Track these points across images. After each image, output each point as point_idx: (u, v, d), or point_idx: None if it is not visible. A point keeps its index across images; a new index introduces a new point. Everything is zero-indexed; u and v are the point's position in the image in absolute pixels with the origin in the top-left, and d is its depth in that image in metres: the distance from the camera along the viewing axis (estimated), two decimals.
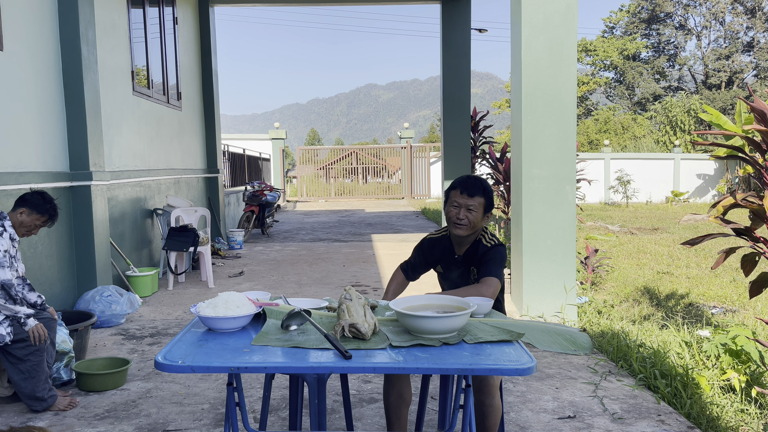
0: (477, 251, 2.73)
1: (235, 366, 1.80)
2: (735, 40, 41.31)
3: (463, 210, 2.66)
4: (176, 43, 8.55)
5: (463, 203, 2.67)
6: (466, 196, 2.66)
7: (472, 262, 2.74)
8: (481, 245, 2.73)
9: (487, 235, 2.77)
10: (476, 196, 2.66)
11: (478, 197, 2.67)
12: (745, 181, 18.54)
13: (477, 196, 2.66)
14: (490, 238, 2.76)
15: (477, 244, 2.75)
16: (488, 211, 2.72)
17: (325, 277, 7.26)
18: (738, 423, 3.26)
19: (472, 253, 2.75)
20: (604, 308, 5.54)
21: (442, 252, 2.84)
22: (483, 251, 2.71)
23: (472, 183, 2.69)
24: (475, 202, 2.66)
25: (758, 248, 3.36)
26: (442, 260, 2.86)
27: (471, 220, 2.66)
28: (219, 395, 3.57)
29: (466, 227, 2.67)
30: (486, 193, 2.70)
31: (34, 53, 4.82)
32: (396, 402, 2.56)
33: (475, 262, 2.73)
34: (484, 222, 2.72)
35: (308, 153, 23.30)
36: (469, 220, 2.66)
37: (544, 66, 5.06)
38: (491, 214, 2.75)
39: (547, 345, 2.07)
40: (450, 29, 10.55)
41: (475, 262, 2.73)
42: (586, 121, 36.98)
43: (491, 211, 2.75)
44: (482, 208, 2.68)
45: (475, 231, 2.72)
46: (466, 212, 2.66)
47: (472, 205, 2.65)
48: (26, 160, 4.68)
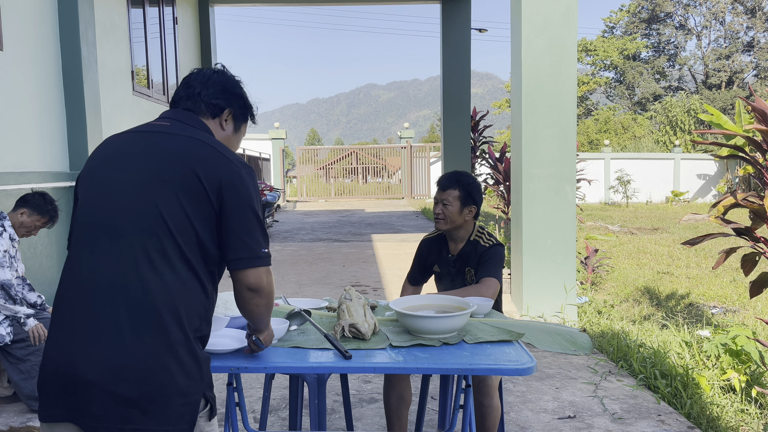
0: (475, 251, 2.73)
1: (235, 366, 1.80)
2: (735, 40, 41.30)
3: (440, 205, 2.73)
4: (176, 43, 8.55)
5: (438, 198, 2.74)
6: (440, 191, 2.74)
7: (468, 263, 2.74)
8: (479, 245, 2.73)
9: (485, 235, 2.77)
10: (449, 189, 2.71)
11: (451, 190, 2.71)
12: (746, 181, 18.53)
13: (450, 189, 2.71)
14: (488, 238, 2.76)
15: (474, 244, 2.75)
16: (467, 203, 2.72)
17: (325, 277, 7.25)
18: (738, 423, 3.26)
19: (469, 253, 2.75)
20: (604, 308, 5.54)
21: (438, 252, 2.86)
22: (482, 251, 2.71)
23: (446, 177, 2.76)
24: (448, 195, 2.71)
25: (758, 248, 3.35)
26: (438, 260, 2.87)
27: (447, 214, 2.71)
28: (219, 395, 3.56)
29: (443, 221, 2.72)
30: (461, 184, 2.72)
31: (34, 53, 4.82)
32: (396, 403, 2.57)
33: (473, 263, 2.73)
34: (466, 215, 2.73)
35: (308, 153, 23.31)
36: (444, 214, 2.71)
37: (544, 66, 5.06)
38: (475, 208, 2.74)
39: (547, 345, 2.07)
40: (450, 29, 10.55)
41: (473, 262, 2.73)
42: (586, 121, 36.98)
43: (474, 204, 2.74)
44: (457, 200, 2.70)
45: (456, 225, 2.73)
46: (442, 207, 2.72)
47: (445, 198, 2.71)
48: (26, 160, 4.68)
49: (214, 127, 1.65)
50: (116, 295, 1.40)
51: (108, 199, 1.47)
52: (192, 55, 9.49)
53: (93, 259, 1.44)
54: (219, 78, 1.68)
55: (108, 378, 1.36)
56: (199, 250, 1.46)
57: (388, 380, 2.59)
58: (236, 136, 1.72)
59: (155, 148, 1.50)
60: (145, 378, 1.36)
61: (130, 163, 1.49)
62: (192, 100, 1.63)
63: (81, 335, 1.40)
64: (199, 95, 1.64)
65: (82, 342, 1.39)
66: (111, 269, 1.41)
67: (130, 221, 1.43)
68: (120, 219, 1.44)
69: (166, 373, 1.38)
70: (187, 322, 1.43)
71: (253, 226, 1.49)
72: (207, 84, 1.65)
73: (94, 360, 1.37)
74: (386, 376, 2.61)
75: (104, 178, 1.51)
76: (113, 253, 1.42)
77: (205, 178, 1.45)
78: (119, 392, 1.35)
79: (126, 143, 1.55)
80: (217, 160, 1.49)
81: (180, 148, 1.49)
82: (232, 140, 1.71)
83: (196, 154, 1.48)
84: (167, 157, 1.47)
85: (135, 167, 1.48)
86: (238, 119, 1.71)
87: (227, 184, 1.46)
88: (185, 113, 1.62)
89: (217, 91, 1.65)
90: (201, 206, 1.45)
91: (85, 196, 1.52)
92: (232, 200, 1.46)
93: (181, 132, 1.54)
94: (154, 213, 1.42)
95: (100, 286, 1.41)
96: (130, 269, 1.41)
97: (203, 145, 1.51)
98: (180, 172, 1.45)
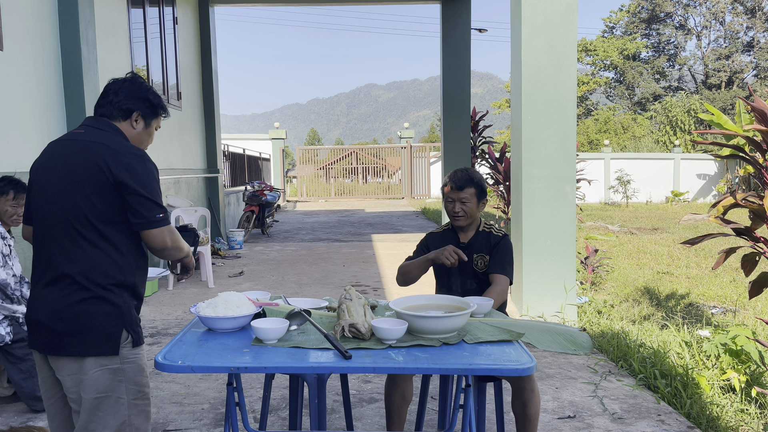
0: (488, 240, 2.88)
1: (235, 366, 1.80)
2: (735, 40, 41.30)
3: (458, 203, 2.85)
4: (176, 43, 8.56)
5: (456, 197, 2.86)
6: (457, 190, 2.85)
7: (481, 249, 2.87)
8: (492, 235, 2.89)
9: (494, 228, 2.93)
10: (466, 188, 2.85)
11: (468, 188, 2.85)
12: (746, 181, 18.54)
13: (467, 188, 2.85)
14: (498, 229, 2.93)
15: (486, 234, 2.90)
16: (482, 198, 2.89)
17: (325, 277, 7.25)
18: (738, 423, 3.26)
19: (481, 241, 2.89)
20: (604, 308, 5.54)
21: (447, 242, 2.91)
22: (495, 241, 2.87)
23: (460, 177, 2.87)
24: (466, 194, 2.85)
25: (758, 248, 3.36)
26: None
27: (466, 211, 2.85)
28: (219, 395, 3.57)
29: (464, 218, 2.86)
30: (474, 182, 2.87)
31: (34, 53, 4.82)
32: (399, 401, 2.59)
33: (485, 249, 2.87)
34: (481, 208, 2.91)
35: (308, 153, 23.30)
36: (465, 211, 2.85)
37: (544, 66, 5.06)
38: (486, 200, 2.93)
39: (547, 345, 2.07)
40: (450, 29, 10.55)
41: (485, 249, 2.87)
42: (586, 121, 36.98)
43: (486, 196, 2.92)
44: (474, 197, 2.86)
45: (474, 219, 2.90)
46: (461, 205, 2.85)
47: (463, 197, 2.85)
48: (26, 160, 4.68)
49: (126, 128, 2.11)
50: (56, 265, 1.96)
51: (44, 198, 2.02)
52: (192, 55, 9.49)
53: (45, 242, 2.01)
54: (128, 86, 2.11)
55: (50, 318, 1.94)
56: (109, 224, 1.96)
57: (391, 379, 2.60)
58: (147, 131, 2.17)
59: (72, 154, 2.00)
60: (74, 318, 1.93)
61: (55, 167, 2.02)
62: (106, 107, 2.09)
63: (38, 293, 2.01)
64: (111, 102, 2.09)
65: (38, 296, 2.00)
66: (53, 248, 1.98)
67: (55, 213, 1.98)
68: (51, 212, 1.99)
69: (88, 314, 1.93)
70: (98, 277, 1.94)
71: (145, 199, 1.96)
72: (118, 92, 2.09)
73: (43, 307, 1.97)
74: (389, 376, 2.61)
75: (41, 181, 2.05)
76: (53, 237, 1.98)
77: (107, 171, 1.94)
78: (58, 328, 1.93)
79: (54, 150, 2.06)
80: (114, 156, 1.96)
81: (88, 152, 1.98)
82: (143, 135, 2.16)
83: (99, 154, 1.96)
84: (78, 162, 1.97)
85: (58, 171, 2.00)
86: (148, 117, 2.15)
87: (119, 172, 1.94)
88: (99, 120, 2.08)
89: (126, 96, 2.09)
90: (104, 193, 1.94)
91: (31, 195, 2.09)
92: (126, 183, 1.94)
93: (92, 137, 2.01)
94: (71, 206, 1.95)
95: (49, 259, 1.98)
96: (61, 246, 1.96)
97: (105, 147, 1.98)
98: (87, 172, 1.95)
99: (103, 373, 1.94)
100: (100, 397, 1.95)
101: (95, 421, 1.95)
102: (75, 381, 1.95)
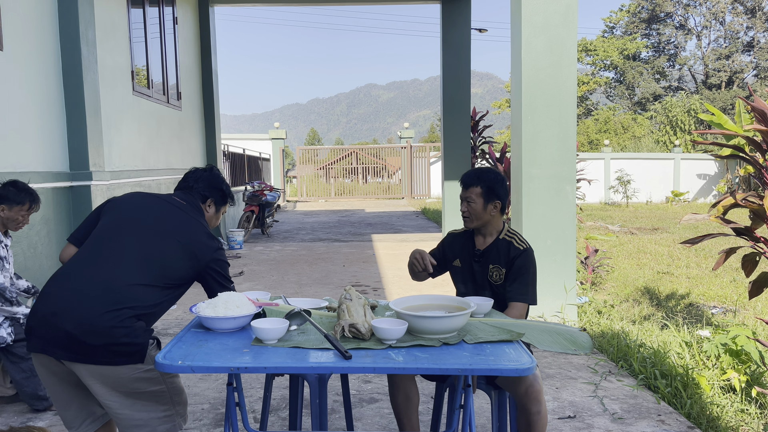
0: (507, 252, 2.67)
1: (235, 366, 1.80)
2: (735, 40, 41.30)
3: (464, 203, 2.73)
4: (176, 43, 8.55)
5: (462, 196, 2.74)
6: (463, 189, 2.75)
7: (497, 260, 2.68)
8: (512, 247, 2.67)
9: (517, 237, 2.71)
10: (471, 187, 2.71)
11: (473, 187, 2.70)
12: (746, 181, 18.53)
13: (472, 187, 2.71)
14: (520, 240, 2.70)
15: (507, 243, 2.69)
16: (490, 199, 2.69)
17: (325, 277, 7.25)
18: (738, 423, 3.26)
19: (498, 251, 2.69)
20: (604, 308, 5.54)
21: (462, 246, 2.81)
22: (515, 254, 2.65)
23: (468, 175, 2.76)
24: (471, 193, 2.71)
25: (758, 248, 3.35)
26: (461, 254, 2.80)
27: (471, 211, 2.70)
28: (219, 395, 3.57)
29: (469, 219, 2.72)
30: (482, 181, 2.70)
31: (34, 53, 4.82)
32: (404, 403, 2.53)
33: (502, 261, 2.67)
34: (491, 211, 2.70)
35: (308, 153, 23.30)
36: (469, 211, 2.71)
37: (544, 66, 5.06)
38: (500, 203, 2.71)
39: (547, 345, 2.07)
40: (450, 29, 10.55)
41: (502, 260, 2.67)
42: (586, 121, 36.98)
43: (498, 199, 2.70)
44: (480, 197, 2.68)
45: (484, 222, 2.71)
46: (467, 204, 2.72)
47: (468, 196, 2.71)
48: (26, 160, 4.68)
49: (203, 209, 2.51)
50: (100, 283, 2.10)
51: (133, 232, 2.25)
52: (192, 55, 9.49)
53: (92, 257, 2.18)
54: (207, 176, 2.54)
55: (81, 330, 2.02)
56: (183, 286, 2.28)
57: (392, 381, 2.57)
58: (216, 215, 2.57)
59: (175, 216, 2.34)
60: (107, 332, 2.03)
61: (157, 213, 2.33)
62: (186, 190, 2.51)
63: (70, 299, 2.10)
64: (192, 188, 2.51)
65: (62, 297, 2.09)
66: (104, 269, 2.14)
67: (140, 251, 2.20)
68: (136, 249, 2.21)
69: (124, 328, 2.05)
70: (146, 308, 2.13)
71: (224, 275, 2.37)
72: (198, 180, 2.53)
73: (70, 316, 2.04)
74: (389, 377, 2.59)
75: (135, 217, 2.32)
76: (110, 259, 2.16)
77: (201, 256, 2.28)
78: (89, 341, 2.01)
79: (157, 201, 2.40)
80: (202, 235, 2.34)
81: (189, 225, 2.34)
82: (213, 218, 2.56)
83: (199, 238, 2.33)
84: (183, 229, 2.31)
85: (160, 219, 2.31)
86: (219, 204, 2.57)
87: (209, 261, 2.31)
88: (191, 198, 2.47)
89: (205, 186, 2.52)
90: (188, 266, 2.26)
91: (110, 219, 2.31)
92: (213, 270, 2.33)
93: (191, 213, 2.40)
94: (160, 255, 2.21)
95: (92, 275, 2.12)
96: (129, 274, 2.13)
97: (204, 232, 2.37)
98: (187, 240, 2.28)
99: (134, 371, 2.08)
100: (137, 391, 2.09)
101: (141, 410, 2.11)
102: (105, 383, 2.07)
